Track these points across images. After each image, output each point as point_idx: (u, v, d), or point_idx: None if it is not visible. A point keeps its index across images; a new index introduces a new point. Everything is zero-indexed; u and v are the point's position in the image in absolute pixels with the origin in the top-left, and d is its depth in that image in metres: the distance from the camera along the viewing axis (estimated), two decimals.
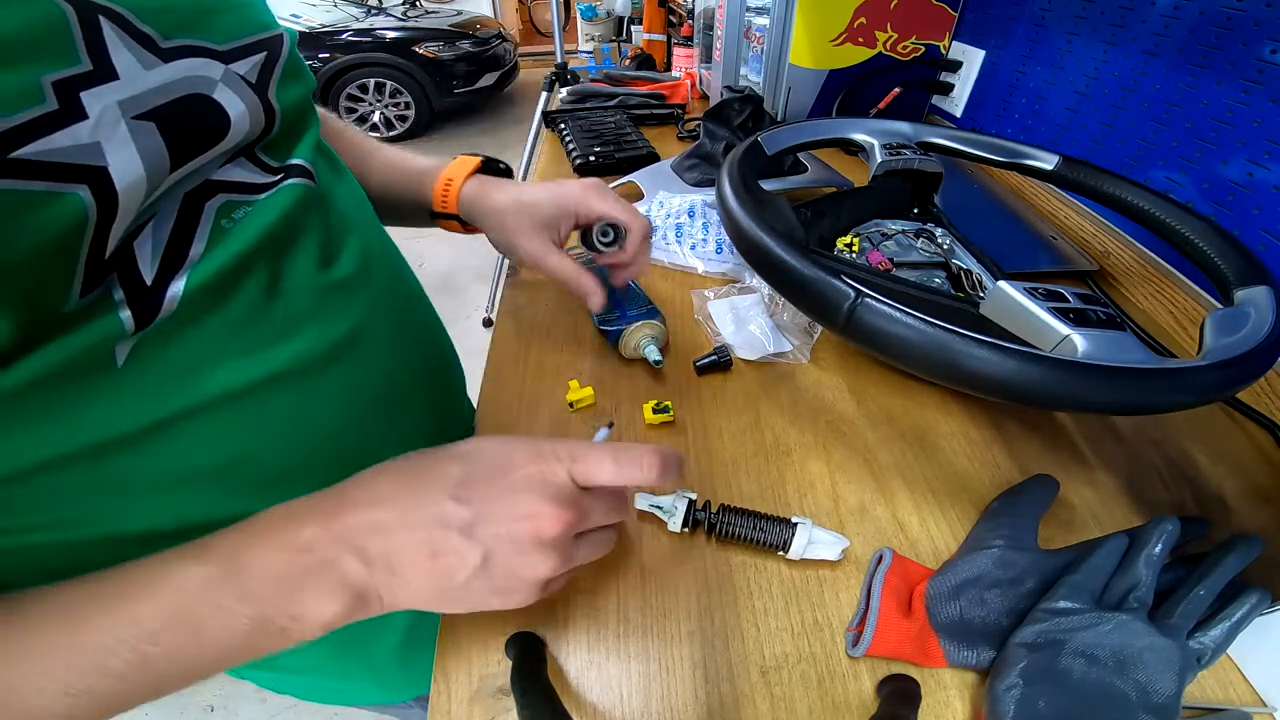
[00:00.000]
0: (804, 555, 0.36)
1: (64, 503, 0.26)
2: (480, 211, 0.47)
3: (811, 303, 0.37)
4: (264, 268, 0.30)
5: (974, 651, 0.32)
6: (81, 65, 0.22)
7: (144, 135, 0.24)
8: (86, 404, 0.24)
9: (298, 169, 0.33)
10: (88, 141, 0.22)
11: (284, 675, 0.48)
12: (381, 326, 0.38)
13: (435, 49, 3.81)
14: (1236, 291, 0.39)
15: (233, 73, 0.29)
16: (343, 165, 0.40)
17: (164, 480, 0.29)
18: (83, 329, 0.23)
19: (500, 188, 0.48)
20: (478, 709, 0.31)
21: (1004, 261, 0.54)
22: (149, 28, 0.25)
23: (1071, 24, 0.72)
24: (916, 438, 0.45)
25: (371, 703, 0.56)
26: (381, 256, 0.41)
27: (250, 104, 0.30)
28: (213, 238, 0.28)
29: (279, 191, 0.32)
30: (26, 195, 0.20)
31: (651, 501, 0.38)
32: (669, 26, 1.63)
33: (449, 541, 0.26)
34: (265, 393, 0.30)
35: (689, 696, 0.31)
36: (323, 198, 0.35)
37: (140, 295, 0.25)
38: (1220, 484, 0.42)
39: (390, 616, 0.28)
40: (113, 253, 0.24)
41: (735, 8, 1.02)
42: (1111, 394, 0.30)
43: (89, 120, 0.22)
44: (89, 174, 0.22)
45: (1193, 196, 0.57)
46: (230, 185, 0.30)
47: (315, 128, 0.36)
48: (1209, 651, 0.30)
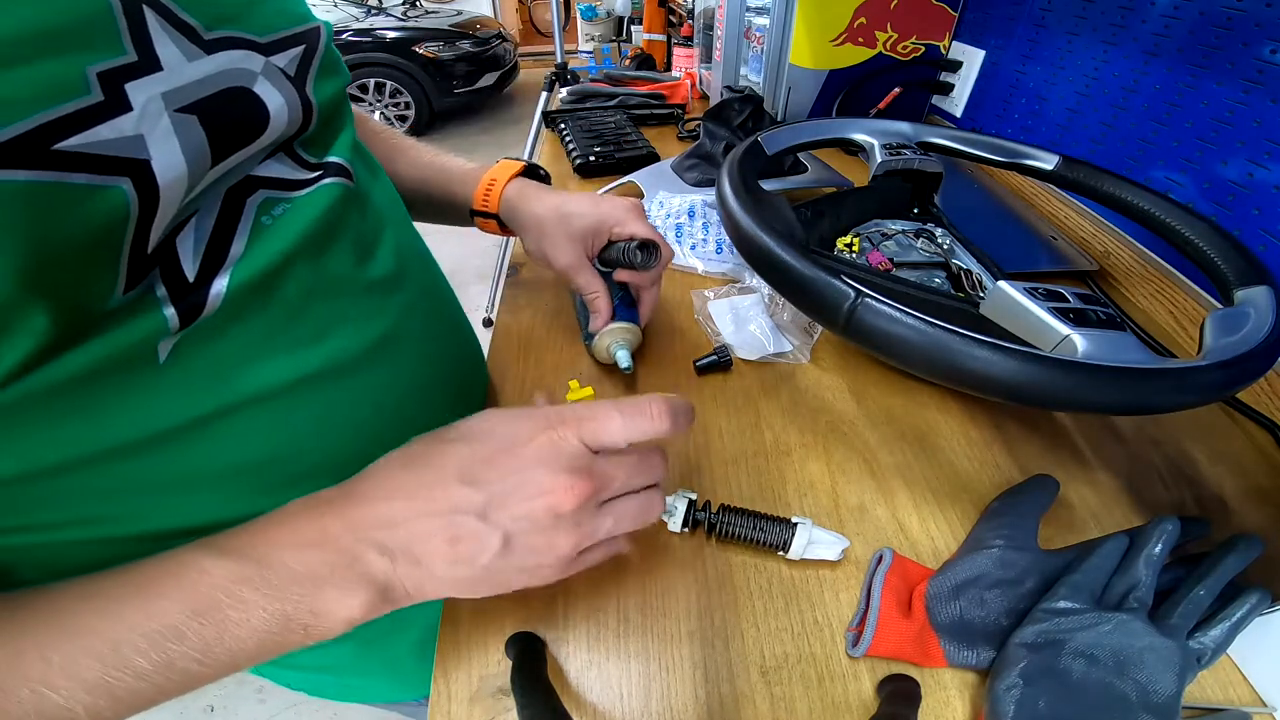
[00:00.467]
0: (804, 555, 0.36)
1: (98, 500, 0.26)
2: (521, 215, 0.48)
3: (811, 303, 0.37)
4: (305, 266, 0.30)
5: (974, 651, 0.32)
6: (126, 56, 0.22)
7: (186, 129, 0.24)
8: (127, 401, 0.24)
9: (336, 167, 0.33)
10: (131, 134, 0.22)
11: (304, 674, 0.48)
12: (416, 327, 0.38)
13: (435, 49, 3.81)
14: (1236, 291, 0.39)
15: (273, 65, 0.28)
16: (377, 164, 0.40)
17: (197, 478, 0.28)
18: (126, 326, 0.23)
19: (542, 195, 0.48)
20: (478, 709, 0.31)
21: (1004, 261, 0.54)
22: (192, 18, 0.25)
23: (1071, 24, 0.72)
24: (916, 438, 0.45)
25: (388, 699, 0.56)
26: (415, 257, 0.41)
27: (289, 98, 0.29)
28: (253, 235, 0.28)
29: (318, 190, 0.31)
30: (69, 188, 0.20)
31: None
32: (669, 26, 1.64)
33: (466, 527, 0.25)
34: (301, 392, 0.30)
35: (689, 696, 0.31)
36: (361, 197, 0.35)
37: (182, 292, 0.25)
38: (1220, 484, 0.42)
39: (410, 613, 0.28)
40: (155, 249, 0.24)
41: (735, 8, 1.02)
42: (1111, 394, 0.30)
43: (133, 112, 0.22)
44: (131, 167, 0.22)
45: (1193, 196, 0.57)
46: (270, 181, 0.29)
47: (351, 124, 0.36)
48: (1209, 651, 0.30)
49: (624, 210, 0.47)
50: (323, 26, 0.33)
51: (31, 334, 0.20)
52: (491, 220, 0.50)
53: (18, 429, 0.22)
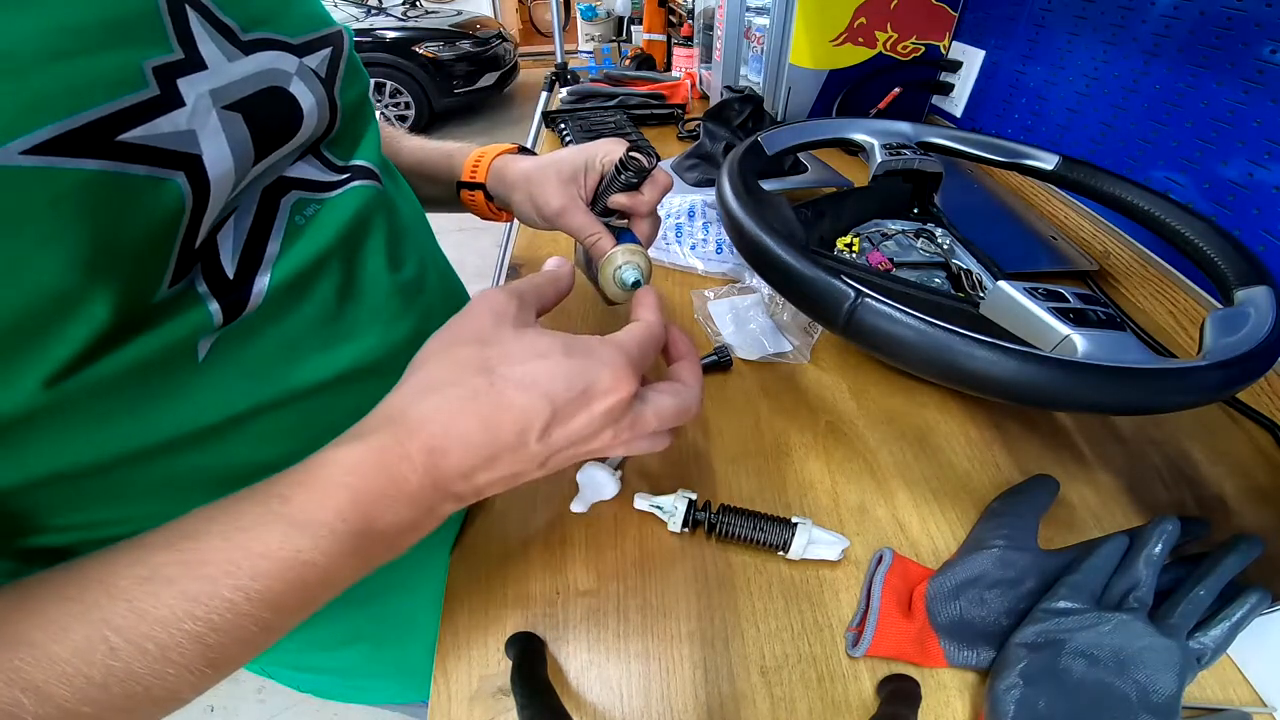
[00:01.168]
0: (804, 555, 0.36)
1: (131, 500, 0.26)
2: (508, 175, 0.46)
3: (811, 303, 0.37)
4: (340, 266, 0.31)
5: (974, 651, 0.32)
6: (174, 53, 0.22)
7: (232, 125, 0.24)
8: (167, 398, 0.24)
9: (363, 170, 0.33)
10: (185, 129, 0.22)
11: (313, 675, 0.48)
12: (439, 329, 0.38)
13: (435, 49, 3.81)
14: (1236, 291, 0.39)
15: (305, 66, 0.29)
16: (397, 172, 0.41)
17: (234, 476, 0.28)
18: (173, 321, 0.23)
19: (529, 157, 0.47)
20: (478, 709, 0.31)
21: (1004, 261, 0.54)
22: (230, 19, 0.25)
23: (1071, 24, 0.72)
24: (916, 438, 0.45)
25: (397, 700, 0.57)
26: (435, 263, 0.41)
27: (320, 98, 0.30)
28: (288, 234, 0.28)
29: (349, 191, 0.32)
30: (131, 179, 0.20)
31: (652, 502, 0.38)
32: (669, 26, 1.64)
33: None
34: (333, 390, 0.30)
35: (689, 696, 0.31)
36: (389, 200, 0.35)
37: (223, 289, 0.25)
38: (1220, 484, 0.42)
39: (423, 617, 0.27)
40: (200, 244, 0.24)
41: (735, 8, 1.02)
42: (1111, 394, 0.30)
43: (186, 108, 0.22)
44: (186, 161, 0.22)
45: (1193, 196, 0.57)
46: (301, 183, 0.30)
47: (375, 128, 0.36)
48: (1209, 651, 0.30)
49: (613, 141, 0.43)
50: (344, 30, 0.33)
51: (90, 323, 0.20)
52: (478, 192, 0.48)
53: (68, 426, 0.22)
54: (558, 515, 0.39)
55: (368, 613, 0.40)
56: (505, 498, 0.41)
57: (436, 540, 0.39)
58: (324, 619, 0.38)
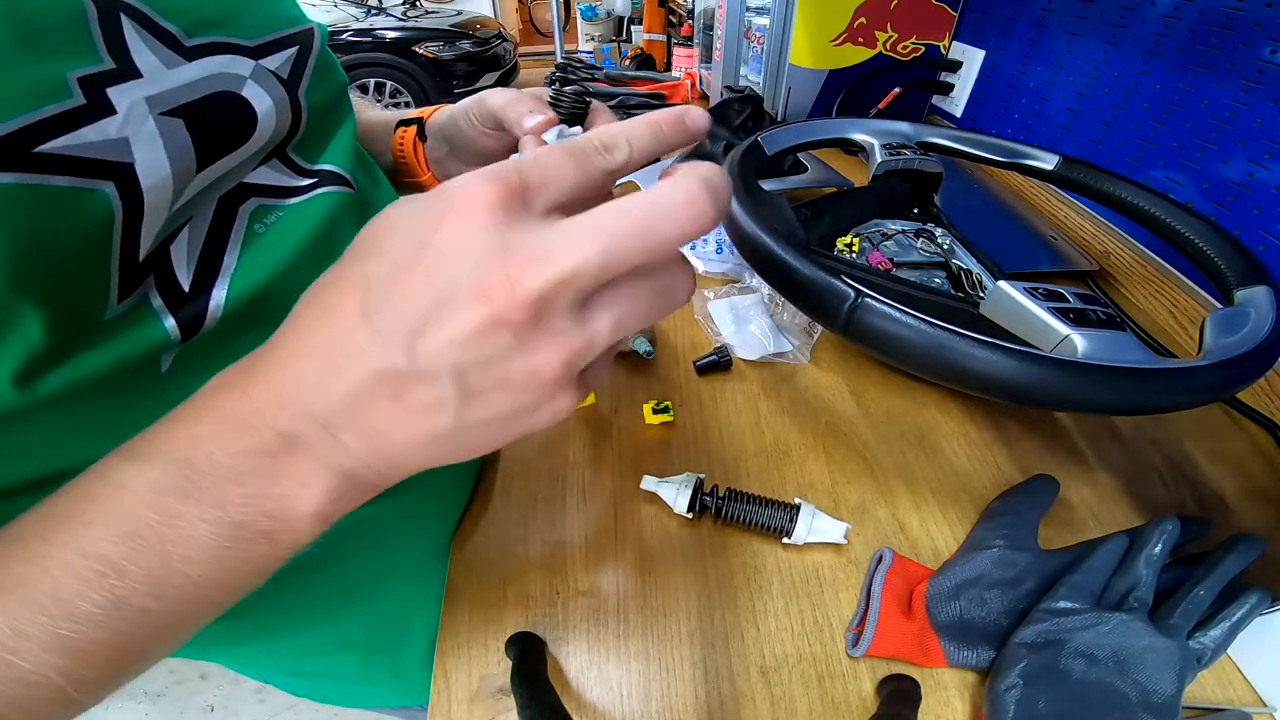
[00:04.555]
0: (808, 539, 0.36)
1: None
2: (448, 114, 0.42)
3: (811, 303, 0.37)
4: (310, 275, 0.30)
5: (974, 651, 0.32)
6: (103, 63, 0.22)
7: (171, 132, 0.23)
8: (133, 412, 0.23)
9: (331, 175, 0.32)
10: (116, 137, 0.21)
11: (308, 680, 0.48)
12: None
13: (435, 49, 3.81)
14: (1236, 291, 0.39)
15: (263, 68, 0.28)
16: (379, 171, 0.40)
17: None
18: (126, 336, 0.23)
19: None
20: (478, 709, 0.31)
21: (1004, 261, 0.54)
22: (172, 25, 0.25)
23: (1071, 24, 0.72)
24: (916, 438, 0.45)
25: (393, 705, 0.56)
26: None
27: (278, 100, 0.29)
28: (246, 243, 0.28)
29: (314, 198, 0.31)
30: (52, 191, 0.20)
31: (659, 482, 0.38)
32: (669, 26, 1.64)
33: (398, 378, 0.18)
34: None
35: (689, 696, 0.31)
36: (363, 205, 0.34)
37: (179, 301, 0.25)
38: (1220, 484, 0.42)
39: (416, 625, 0.26)
40: (148, 257, 0.23)
41: (735, 8, 1.02)
42: (1112, 394, 0.30)
43: (117, 115, 0.21)
44: (115, 171, 0.21)
45: (1193, 196, 0.57)
46: (262, 189, 0.29)
47: (350, 127, 0.35)
48: (1209, 651, 0.30)
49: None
50: (316, 29, 0.33)
51: (25, 339, 0.20)
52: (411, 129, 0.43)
53: (27, 439, 0.22)
54: (558, 515, 0.39)
55: (357, 620, 0.40)
56: (505, 497, 0.41)
57: (428, 550, 0.39)
58: (313, 625, 0.38)
